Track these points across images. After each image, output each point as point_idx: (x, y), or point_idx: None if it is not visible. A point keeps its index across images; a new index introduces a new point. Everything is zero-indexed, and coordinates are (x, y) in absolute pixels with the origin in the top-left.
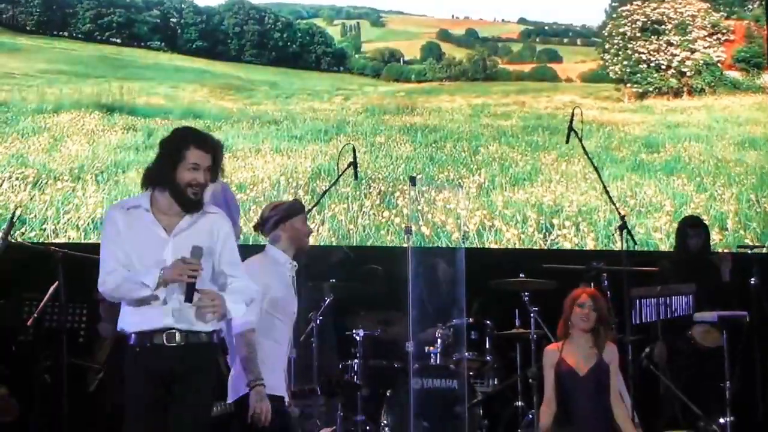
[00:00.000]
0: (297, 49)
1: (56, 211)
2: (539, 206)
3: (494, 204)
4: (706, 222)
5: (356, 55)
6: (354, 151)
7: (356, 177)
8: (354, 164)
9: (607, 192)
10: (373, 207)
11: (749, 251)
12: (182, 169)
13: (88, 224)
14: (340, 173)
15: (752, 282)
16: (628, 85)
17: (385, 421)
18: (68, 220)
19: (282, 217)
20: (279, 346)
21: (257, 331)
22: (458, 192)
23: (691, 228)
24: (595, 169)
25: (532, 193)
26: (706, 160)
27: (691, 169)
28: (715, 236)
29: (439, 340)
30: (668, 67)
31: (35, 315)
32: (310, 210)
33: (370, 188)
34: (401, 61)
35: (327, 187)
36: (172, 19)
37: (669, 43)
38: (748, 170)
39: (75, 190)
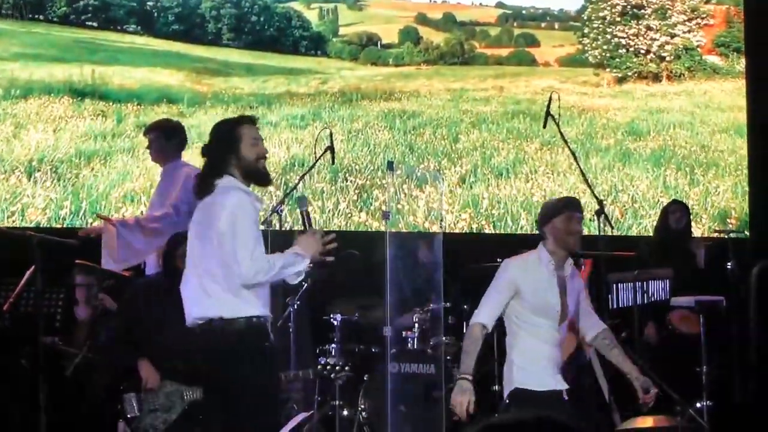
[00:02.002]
0: (274, 33)
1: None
2: (528, 205)
3: (479, 202)
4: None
5: (334, 39)
6: (331, 135)
7: (333, 161)
8: (331, 149)
9: (585, 179)
10: (349, 205)
11: (726, 236)
12: (245, 146)
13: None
14: (316, 158)
15: (729, 267)
16: (607, 69)
17: (362, 406)
18: (13, 223)
19: (543, 216)
20: (544, 344)
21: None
22: (438, 181)
23: (673, 205)
24: (573, 155)
25: (519, 189)
26: (693, 148)
27: (680, 158)
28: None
29: (416, 325)
30: (647, 51)
31: (11, 300)
32: (282, 200)
33: (347, 181)
34: (379, 45)
35: (303, 173)
36: (148, 3)
37: (648, 28)
38: (738, 159)
39: (22, 183)
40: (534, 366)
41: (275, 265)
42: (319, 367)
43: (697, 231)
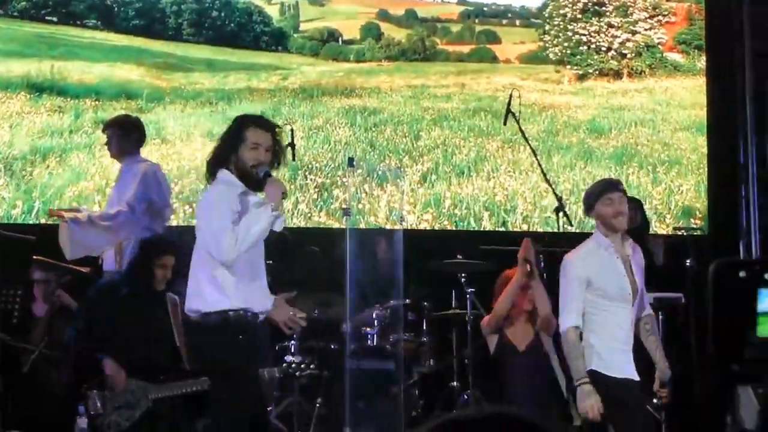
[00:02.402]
0: (235, 28)
1: None
2: (491, 205)
3: (441, 201)
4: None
5: (295, 35)
6: (292, 132)
7: (294, 158)
8: (292, 146)
9: (545, 177)
10: (309, 204)
11: (685, 233)
12: (244, 149)
13: None
14: None
15: (688, 264)
16: (568, 66)
17: (320, 402)
18: None
19: (586, 205)
20: (620, 329)
21: (596, 316)
22: (399, 179)
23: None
24: (534, 153)
25: (482, 188)
26: (655, 146)
27: (642, 156)
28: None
29: (376, 322)
30: (609, 48)
31: None
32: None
33: (306, 179)
34: (340, 41)
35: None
36: None
37: (610, 25)
38: (699, 157)
39: None
40: (610, 351)
41: (240, 231)
42: (284, 365)
43: (661, 230)
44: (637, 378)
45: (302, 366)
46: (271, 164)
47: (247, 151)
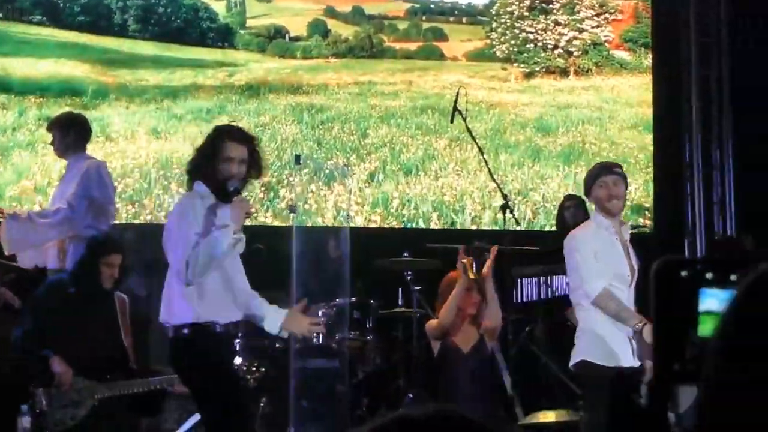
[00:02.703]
0: (181, 24)
1: None
2: (439, 205)
3: (389, 201)
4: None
5: (241, 31)
6: None
7: None
8: None
9: (491, 174)
10: (254, 203)
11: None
12: (217, 161)
13: None
14: None
15: None
16: (515, 64)
17: (265, 401)
18: None
19: (585, 188)
20: None
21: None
22: (346, 177)
23: (567, 200)
24: (480, 151)
25: (430, 188)
26: (603, 145)
27: (590, 155)
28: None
29: (321, 320)
30: (555, 46)
31: None
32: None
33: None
34: (287, 37)
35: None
36: None
37: (557, 23)
38: (647, 156)
39: None
40: (606, 339)
41: (200, 255)
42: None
43: None
44: (631, 363)
45: (245, 368)
46: (246, 177)
47: (220, 164)
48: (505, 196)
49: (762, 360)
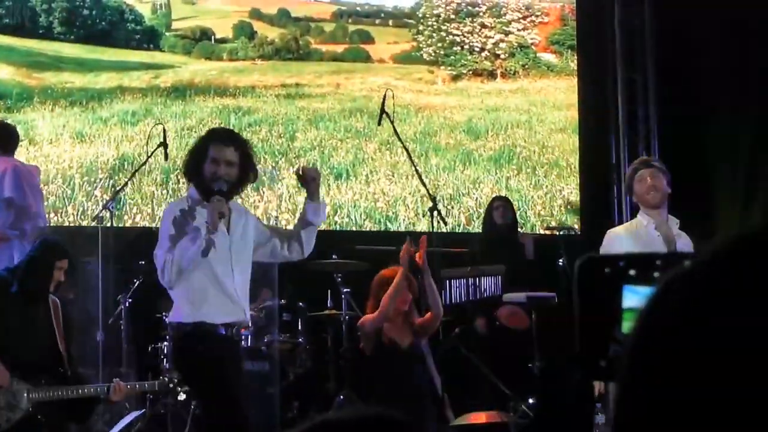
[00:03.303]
0: (106, 27)
1: None
2: (371, 212)
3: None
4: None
5: (167, 34)
6: (164, 132)
7: (166, 158)
8: (164, 145)
9: (419, 176)
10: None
11: (556, 233)
12: (204, 163)
13: None
14: (149, 154)
15: (560, 264)
16: (442, 67)
17: (195, 403)
18: None
19: (627, 187)
20: None
21: None
22: (274, 182)
23: (496, 201)
24: (408, 153)
25: (362, 194)
26: (534, 148)
27: (521, 159)
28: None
29: (250, 322)
30: (482, 49)
31: None
32: (112, 198)
33: (179, 183)
34: (213, 39)
35: (133, 171)
36: None
37: (483, 26)
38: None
39: None
40: None
41: (175, 256)
42: (165, 378)
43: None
44: None
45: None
46: (242, 180)
47: (207, 165)
48: (432, 198)
49: (668, 359)
